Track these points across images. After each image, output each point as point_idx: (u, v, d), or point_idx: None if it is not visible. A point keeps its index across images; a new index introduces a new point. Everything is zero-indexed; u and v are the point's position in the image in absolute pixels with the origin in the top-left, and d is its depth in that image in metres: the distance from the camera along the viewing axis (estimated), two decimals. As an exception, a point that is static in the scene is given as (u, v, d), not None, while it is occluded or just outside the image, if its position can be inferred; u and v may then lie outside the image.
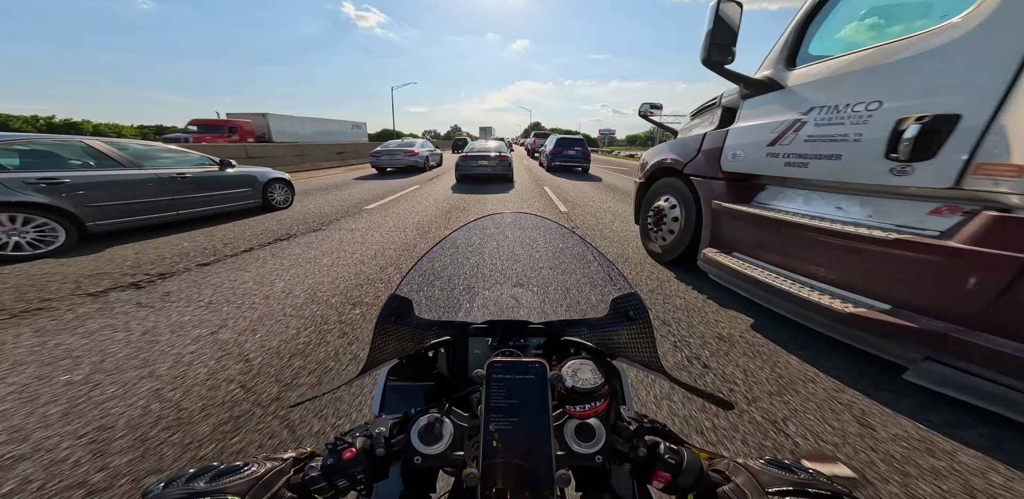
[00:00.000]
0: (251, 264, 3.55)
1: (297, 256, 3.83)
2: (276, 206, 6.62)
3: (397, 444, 0.43)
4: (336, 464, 0.39)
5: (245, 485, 0.34)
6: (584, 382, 0.41)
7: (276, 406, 1.62)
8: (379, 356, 0.58)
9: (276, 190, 6.66)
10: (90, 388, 1.72)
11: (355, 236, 4.73)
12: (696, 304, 2.75)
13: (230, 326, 2.31)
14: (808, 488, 0.34)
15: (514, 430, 0.39)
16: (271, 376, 1.82)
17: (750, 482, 0.36)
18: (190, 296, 2.77)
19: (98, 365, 1.89)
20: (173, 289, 2.90)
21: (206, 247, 4.12)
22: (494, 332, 0.71)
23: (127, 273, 3.24)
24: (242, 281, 3.09)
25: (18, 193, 3.45)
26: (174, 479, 0.34)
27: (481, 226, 0.84)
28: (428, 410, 0.45)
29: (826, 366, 1.97)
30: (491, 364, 0.44)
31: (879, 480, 1.32)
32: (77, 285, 2.94)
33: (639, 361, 0.54)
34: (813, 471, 0.37)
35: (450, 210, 6.70)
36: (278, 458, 0.40)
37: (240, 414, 1.57)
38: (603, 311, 0.68)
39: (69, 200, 3.80)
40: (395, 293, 0.65)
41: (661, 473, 0.40)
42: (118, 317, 2.42)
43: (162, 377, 1.80)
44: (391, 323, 0.62)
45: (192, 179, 5.11)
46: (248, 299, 2.73)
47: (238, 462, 0.37)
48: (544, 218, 0.85)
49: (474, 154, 10.67)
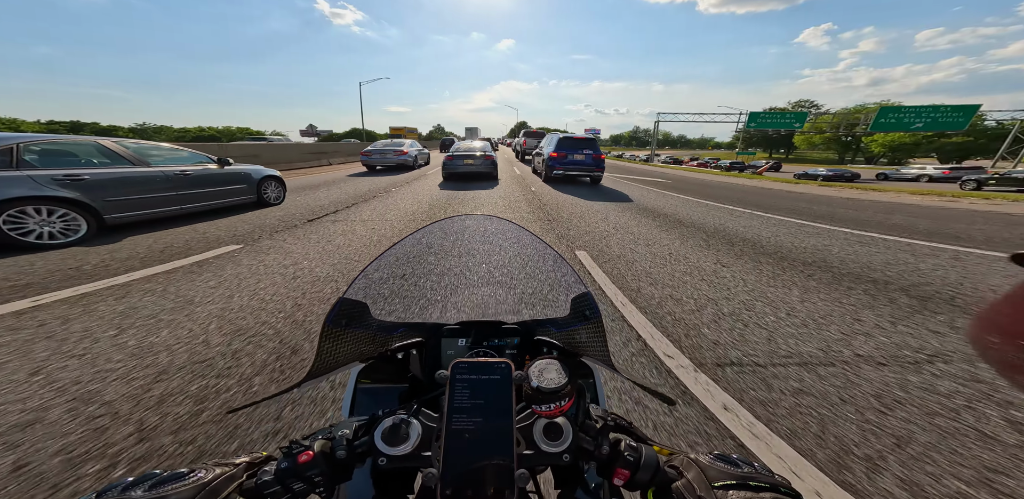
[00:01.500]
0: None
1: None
2: (269, 202, 7.12)
3: (361, 446, 0.43)
4: (291, 467, 0.39)
5: (189, 492, 0.33)
6: (549, 381, 0.42)
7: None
8: (330, 360, 0.57)
9: (270, 187, 7.15)
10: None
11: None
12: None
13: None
14: (750, 481, 0.36)
15: (476, 430, 0.40)
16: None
17: (699, 477, 0.37)
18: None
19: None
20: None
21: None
22: (468, 333, 0.71)
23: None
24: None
25: (47, 188, 3.94)
26: (109, 488, 0.33)
27: (443, 227, 0.84)
28: (395, 411, 0.45)
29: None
30: (456, 365, 0.44)
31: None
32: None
33: (596, 357, 0.55)
34: (757, 465, 0.39)
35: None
36: (229, 463, 0.39)
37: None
38: (567, 310, 0.69)
39: (89, 194, 4.28)
40: (343, 297, 0.64)
41: (621, 470, 0.41)
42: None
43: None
44: (341, 327, 0.61)
45: (194, 176, 5.59)
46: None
47: (183, 468, 0.36)
48: (505, 220, 0.86)
49: (460, 153, 11.25)
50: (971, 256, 4.64)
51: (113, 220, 4.57)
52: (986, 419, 1.67)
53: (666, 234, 5.44)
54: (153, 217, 5.11)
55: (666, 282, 3.35)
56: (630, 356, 2.14)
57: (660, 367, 2.01)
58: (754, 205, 9.13)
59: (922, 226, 6.84)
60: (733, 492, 0.35)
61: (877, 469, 1.39)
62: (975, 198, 11.58)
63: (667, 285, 3.27)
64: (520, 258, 0.85)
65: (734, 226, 6.25)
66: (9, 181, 3.72)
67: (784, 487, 0.36)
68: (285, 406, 1.64)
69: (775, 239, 5.33)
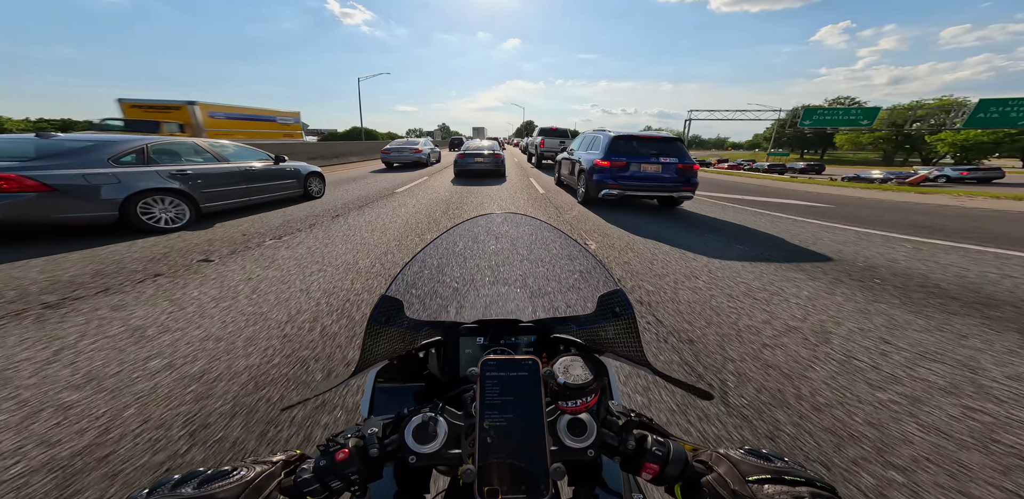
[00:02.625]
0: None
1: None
2: (313, 195, 7.97)
3: (391, 444, 0.43)
4: (329, 465, 0.40)
5: (235, 490, 0.34)
6: (575, 378, 0.43)
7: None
8: (370, 358, 0.60)
9: (314, 182, 8.01)
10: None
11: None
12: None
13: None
14: (785, 475, 0.36)
15: (509, 427, 0.40)
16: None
17: (731, 471, 0.38)
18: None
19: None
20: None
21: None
22: (485, 331, 0.72)
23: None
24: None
25: (167, 181, 4.80)
26: (159, 485, 0.34)
27: (471, 226, 0.86)
28: (421, 409, 0.45)
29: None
30: (485, 362, 0.44)
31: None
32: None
33: (625, 356, 0.56)
34: (789, 460, 0.39)
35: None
36: (267, 461, 0.40)
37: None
38: (591, 308, 0.70)
39: (191, 187, 5.14)
40: (385, 294, 0.66)
41: (649, 465, 0.42)
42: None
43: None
44: (381, 324, 0.63)
45: (258, 171, 6.43)
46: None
47: (226, 467, 0.37)
48: (533, 218, 0.89)
49: (471, 152, 12.01)
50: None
51: (206, 209, 5.43)
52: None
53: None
54: (230, 207, 5.97)
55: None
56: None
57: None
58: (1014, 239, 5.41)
59: None
60: (768, 486, 0.35)
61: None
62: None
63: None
64: (547, 255, 0.85)
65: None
66: (145, 175, 4.58)
67: (820, 481, 0.35)
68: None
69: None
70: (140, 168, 4.58)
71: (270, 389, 1.80)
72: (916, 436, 1.57)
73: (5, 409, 1.60)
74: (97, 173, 4.12)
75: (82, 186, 4.00)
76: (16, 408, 1.61)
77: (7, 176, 3.49)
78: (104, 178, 4.18)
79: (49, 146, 4.15)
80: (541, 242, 0.89)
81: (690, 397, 1.79)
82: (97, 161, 4.18)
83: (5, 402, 1.65)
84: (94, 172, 4.10)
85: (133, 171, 4.49)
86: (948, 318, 2.73)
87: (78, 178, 3.97)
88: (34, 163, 3.82)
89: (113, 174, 4.26)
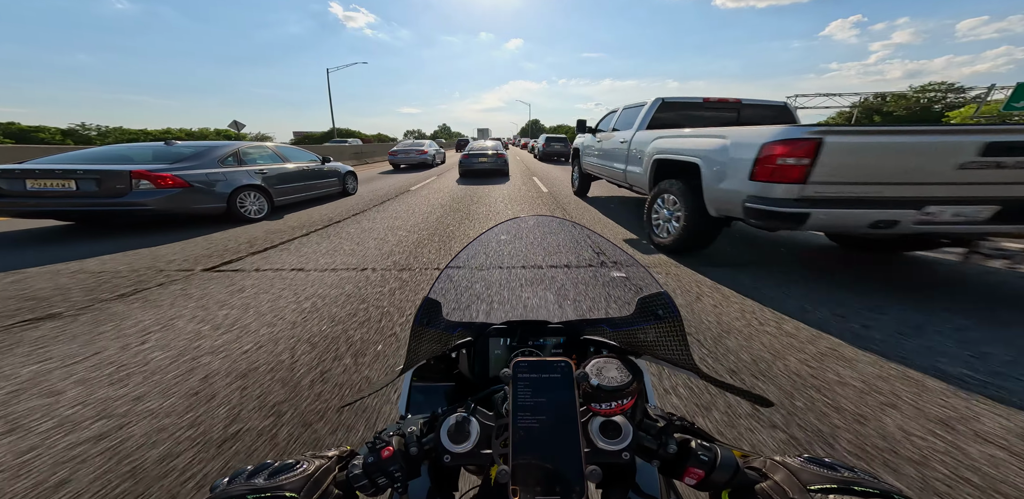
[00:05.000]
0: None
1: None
2: (349, 192, 8.99)
3: (428, 443, 0.44)
4: (376, 462, 0.41)
5: (299, 482, 0.36)
6: (610, 380, 0.42)
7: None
8: (414, 358, 0.62)
9: (349, 180, 9.03)
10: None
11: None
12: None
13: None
14: (854, 486, 0.33)
15: (541, 428, 0.40)
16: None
17: (790, 479, 0.35)
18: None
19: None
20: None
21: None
22: (513, 332, 0.73)
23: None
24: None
25: (255, 179, 5.81)
26: (236, 475, 0.37)
27: (504, 230, 0.86)
28: (455, 409, 0.45)
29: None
30: (517, 364, 0.45)
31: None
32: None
33: (668, 359, 0.55)
34: (857, 469, 0.36)
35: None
36: (324, 456, 0.42)
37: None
38: (628, 310, 0.69)
39: (268, 183, 6.15)
40: (428, 296, 0.69)
41: (693, 470, 0.40)
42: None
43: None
44: (424, 325, 0.66)
45: (309, 170, 7.45)
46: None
47: (290, 460, 0.40)
48: (565, 220, 0.89)
49: (475, 152, 12.70)
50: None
51: (278, 202, 6.44)
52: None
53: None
54: (291, 201, 6.98)
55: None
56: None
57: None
58: None
59: None
60: (834, 496, 0.32)
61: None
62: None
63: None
64: (580, 259, 0.87)
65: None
66: (241, 174, 5.59)
67: (897, 494, 0.32)
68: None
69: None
70: (237, 168, 5.59)
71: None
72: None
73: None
74: (214, 172, 5.14)
75: (207, 182, 5.02)
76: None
77: (166, 175, 4.50)
78: (218, 176, 5.19)
79: (174, 151, 5.14)
80: (572, 244, 0.91)
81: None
82: (212, 162, 5.19)
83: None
84: (212, 171, 5.11)
85: (233, 170, 5.50)
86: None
87: (203, 176, 4.98)
88: (175, 165, 4.82)
89: (223, 173, 5.27)
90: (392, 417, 1.60)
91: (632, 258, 0.78)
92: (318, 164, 7.74)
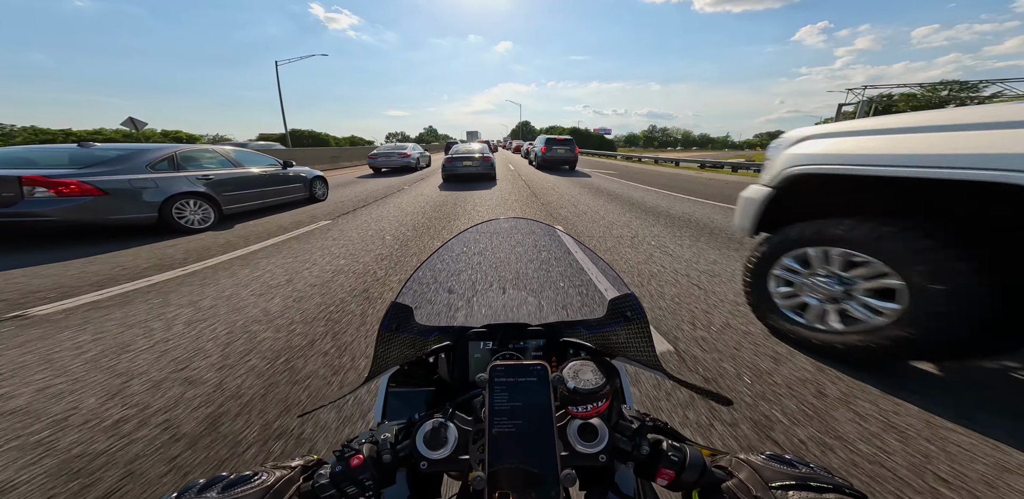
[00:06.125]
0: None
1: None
2: (317, 198, 8.32)
3: (403, 450, 0.43)
4: (345, 471, 0.40)
5: (257, 494, 0.35)
6: (586, 383, 0.42)
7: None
8: (382, 364, 0.60)
9: (317, 186, 8.36)
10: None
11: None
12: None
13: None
14: (811, 481, 0.35)
15: (518, 432, 0.40)
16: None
17: (753, 477, 0.37)
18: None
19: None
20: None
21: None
22: (493, 335, 0.72)
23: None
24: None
25: (196, 185, 5.14)
26: (186, 490, 0.35)
27: (478, 231, 0.85)
28: (432, 415, 0.45)
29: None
30: (493, 368, 0.44)
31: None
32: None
33: (638, 360, 0.56)
34: (814, 465, 0.38)
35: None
36: (286, 466, 0.40)
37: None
38: (601, 312, 0.69)
39: (215, 190, 5.48)
40: (396, 301, 0.66)
41: (665, 470, 0.40)
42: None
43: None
44: (392, 331, 0.64)
45: (269, 175, 6.78)
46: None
47: (247, 471, 0.38)
48: (540, 222, 0.89)
49: (459, 156, 11.96)
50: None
51: (228, 211, 5.77)
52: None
53: None
54: (246, 209, 6.31)
55: None
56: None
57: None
58: None
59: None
60: (793, 492, 0.33)
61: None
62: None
63: None
64: (555, 259, 0.86)
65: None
66: (177, 180, 4.92)
67: (849, 488, 0.34)
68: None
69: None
70: (173, 173, 4.93)
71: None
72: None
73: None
74: (140, 178, 4.47)
75: (130, 190, 4.34)
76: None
77: (69, 182, 3.82)
78: (146, 182, 4.52)
79: (91, 154, 4.47)
80: (548, 246, 0.90)
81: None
82: (139, 167, 4.52)
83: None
84: (138, 177, 4.45)
85: (167, 176, 4.83)
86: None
87: (124, 183, 4.31)
88: (86, 170, 4.14)
89: (152, 179, 4.61)
90: (369, 424, 1.52)
91: (602, 259, 0.76)
92: (278, 169, 7.08)
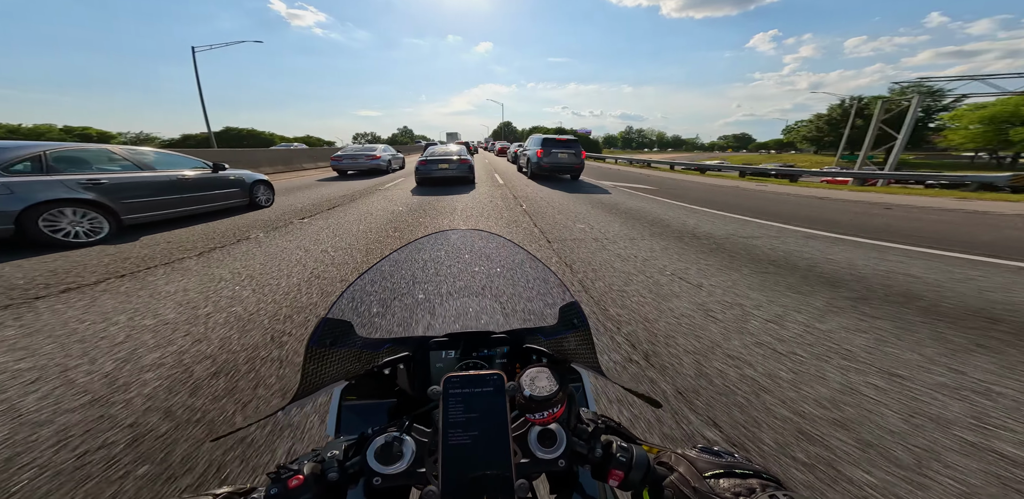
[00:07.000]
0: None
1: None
2: (261, 204, 7.45)
3: (352, 466, 0.42)
4: (281, 493, 0.37)
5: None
6: (540, 390, 0.42)
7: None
8: (316, 381, 0.57)
9: (260, 191, 7.50)
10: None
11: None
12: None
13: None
14: (736, 469, 0.38)
15: (474, 444, 0.40)
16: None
17: (690, 470, 0.39)
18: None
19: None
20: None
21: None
22: (456, 345, 0.71)
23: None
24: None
25: (76, 191, 4.26)
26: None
27: (429, 242, 0.84)
28: (387, 429, 0.44)
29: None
30: (448, 379, 0.44)
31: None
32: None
33: (585, 364, 0.57)
34: (736, 454, 0.42)
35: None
36: (208, 494, 0.38)
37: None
38: (555, 319, 0.72)
39: (108, 197, 4.61)
40: (327, 317, 0.64)
41: (615, 471, 0.41)
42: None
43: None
44: (326, 346, 0.61)
45: (192, 180, 5.91)
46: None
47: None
48: (492, 233, 0.89)
49: (435, 158, 11.03)
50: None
51: (129, 221, 4.90)
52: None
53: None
54: (161, 218, 5.43)
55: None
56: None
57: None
58: None
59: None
60: (723, 480, 0.37)
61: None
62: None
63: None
64: (509, 270, 0.85)
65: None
66: (46, 185, 4.04)
67: (765, 473, 0.38)
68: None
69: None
70: (40, 177, 4.06)
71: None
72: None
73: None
74: (-19, 183, 3.60)
75: (-37, 198, 3.47)
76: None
77: None
78: (-5, 188, 3.65)
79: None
80: (500, 257, 0.88)
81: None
82: (-18, 169, 3.65)
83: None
84: (-23, 181, 3.58)
85: (30, 180, 3.96)
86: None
87: (-42, 189, 3.44)
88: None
89: (5, 184, 3.74)
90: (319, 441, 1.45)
91: (547, 268, 0.78)
92: (207, 172, 6.22)
